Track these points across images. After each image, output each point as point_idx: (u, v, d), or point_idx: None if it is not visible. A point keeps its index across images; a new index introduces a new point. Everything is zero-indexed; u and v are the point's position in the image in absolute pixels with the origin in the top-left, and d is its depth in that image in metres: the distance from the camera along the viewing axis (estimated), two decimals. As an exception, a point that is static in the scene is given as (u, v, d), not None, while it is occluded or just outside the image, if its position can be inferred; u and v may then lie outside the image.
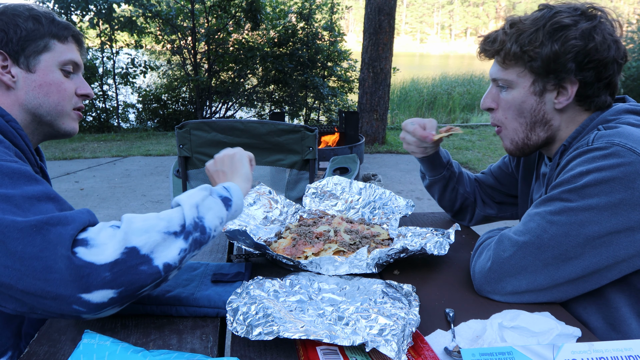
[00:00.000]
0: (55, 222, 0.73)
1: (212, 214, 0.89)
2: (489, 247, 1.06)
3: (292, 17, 10.44)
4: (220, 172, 1.15)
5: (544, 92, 1.06)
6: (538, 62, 1.02)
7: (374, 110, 7.45)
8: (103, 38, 9.42)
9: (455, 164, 1.48)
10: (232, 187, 0.98)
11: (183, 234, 0.82)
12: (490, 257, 1.03)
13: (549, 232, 0.95)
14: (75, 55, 1.11)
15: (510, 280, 0.99)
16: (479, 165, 6.27)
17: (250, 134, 2.25)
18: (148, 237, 0.78)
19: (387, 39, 7.22)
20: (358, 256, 1.09)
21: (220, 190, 0.95)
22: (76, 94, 1.12)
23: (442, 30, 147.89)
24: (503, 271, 1.00)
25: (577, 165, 0.96)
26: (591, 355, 0.70)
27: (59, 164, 6.37)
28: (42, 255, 0.71)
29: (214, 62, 9.98)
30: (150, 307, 0.94)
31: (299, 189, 2.33)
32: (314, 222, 1.37)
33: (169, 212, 0.84)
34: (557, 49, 1.00)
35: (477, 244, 1.13)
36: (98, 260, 0.73)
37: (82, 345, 0.74)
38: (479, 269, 1.04)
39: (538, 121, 1.09)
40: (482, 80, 15.01)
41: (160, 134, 8.99)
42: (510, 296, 1.00)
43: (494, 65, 1.12)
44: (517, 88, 1.08)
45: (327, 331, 0.80)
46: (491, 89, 1.15)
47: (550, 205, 0.97)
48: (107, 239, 0.75)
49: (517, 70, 1.07)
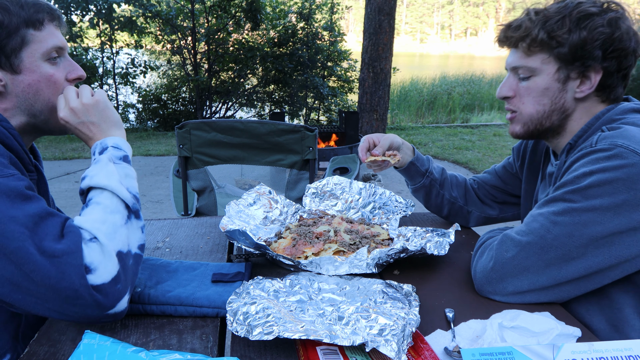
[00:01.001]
0: (60, 253, 0.79)
1: (130, 180, 0.96)
2: (490, 247, 1.06)
3: (292, 17, 10.44)
4: (89, 123, 1.01)
5: (567, 80, 1.06)
6: (565, 48, 1.02)
7: (374, 110, 7.45)
8: (103, 38, 9.42)
9: (438, 169, 1.46)
10: (121, 143, 1.01)
11: (133, 213, 0.92)
12: (493, 257, 1.03)
13: (552, 232, 0.95)
14: (57, 39, 1.01)
15: (512, 281, 0.99)
16: (479, 165, 6.27)
17: (250, 134, 2.25)
18: (119, 235, 0.87)
19: (387, 39, 7.22)
20: (358, 256, 1.09)
21: (116, 152, 0.99)
22: (67, 80, 1.05)
23: (442, 30, 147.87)
24: (505, 271, 1.00)
25: (581, 166, 0.97)
26: (591, 355, 0.70)
27: (59, 164, 6.37)
28: (61, 287, 0.78)
29: (214, 62, 9.97)
30: (150, 307, 0.94)
31: (299, 189, 2.33)
32: (314, 222, 1.37)
33: (108, 203, 0.90)
34: (585, 35, 1.01)
35: (477, 244, 1.13)
36: (106, 279, 0.81)
37: (83, 345, 0.74)
38: (481, 269, 1.04)
39: (557, 109, 1.09)
40: (482, 80, 15.02)
41: (160, 134, 8.98)
42: (511, 296, 1.00)
43: (514, 54, 1.11)
44: (541, 75, 1.07)
45: (327, 331, 0.80)
46: (508, 78, 1.14)
47: (554, 206, 0.97)
48: (100, 257, 0.82)
49: (541, 57, 1.06)
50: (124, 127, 1.15)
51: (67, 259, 0.78)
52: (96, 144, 1.00)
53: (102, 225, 0.86)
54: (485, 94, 13.01)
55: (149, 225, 1.45)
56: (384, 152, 1.34)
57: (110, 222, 0.87)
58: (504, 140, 8.06)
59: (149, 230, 1.42)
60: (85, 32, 9.43)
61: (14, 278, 0.77)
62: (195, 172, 2.33)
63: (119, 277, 0.83)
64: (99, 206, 0.89)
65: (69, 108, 1.00)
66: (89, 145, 1.03)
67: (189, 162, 2.31)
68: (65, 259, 0.78)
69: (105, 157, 0.96)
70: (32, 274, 0.77)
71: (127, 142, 1.04)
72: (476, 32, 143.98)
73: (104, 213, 0.88)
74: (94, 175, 0.92)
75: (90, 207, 0.89)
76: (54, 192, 5.02)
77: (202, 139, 2.25)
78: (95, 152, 0.99)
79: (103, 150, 0.99)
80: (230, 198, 2.67)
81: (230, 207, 1.34)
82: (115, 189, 0.90)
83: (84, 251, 0.81)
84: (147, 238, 1.35)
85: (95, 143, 1.01)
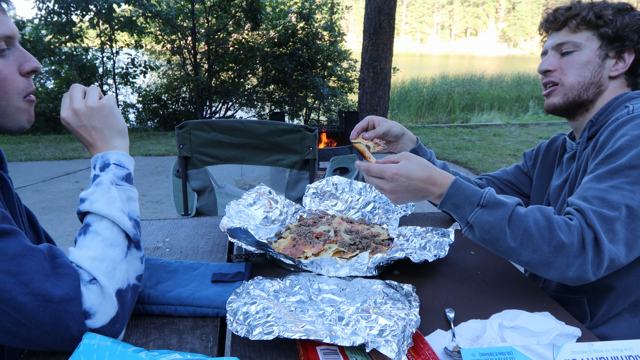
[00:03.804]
0: (59, 300, 0.75)
1: (131, 203, 0.91)
2: (586, 238, 0.97)
3: (292, 17, 10.44)
4: (90, 129, 0.93)
5: (606, 58, 1.20)
6: (610, 28, 1.17)
7: (374, 110, 7.45)
8: (103, 38, 9.42)
9: (439, 164, 1.45)
10: (123, 159, 0.94)
11: (133, 243, 0.88)
12: (601, 240, 0.95)
13: (636, 199, 0.97)
14: (5, 27, 0.86)
15: (632, 252, 0.98)
16: (479, 165, 6.27)
17: (250, 134, 2.25)
18: (118, 272, 0.84)
19: (387, 39, 7.22)
20: (359, 260, 1.09)
21: (118, 172, 0.92)
22: (21, 74, 0.90)
23: (442, 30, 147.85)
24: (629, 244, 0.97)
25: (631, 130, 1.04)
26: (591, 355, 0.70)
27: (59, 164, 6.37)
28: (57, 332, 0.76)
29: (214, 62, 9.97)
30: (150, 307, 0.94)
31: (299, 189, 2.33)
32: (314, 222, 1.37)
33: (108, 234, 0.85)
34: (627, 20, 1.17)
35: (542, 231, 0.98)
36: (105, 322, 0.80)
37: (83, 345, 0.74)
38: (608, 256, 0.96)
39: (595, 82, 1.21)
40: (482, 80, 15.02)
41: (160, 134, 8.98)
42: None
43: (556, 35, 1.24)
44: (585, 50, 1.20)
45: (328, 331, 0.80)
46: (549, 57, 1.26)
47: (623, 176, 1.00)
48: (100, 299, 0.79)
49: (586, 35, 1.20)
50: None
51: (66, 307, 0.75)
52: (97, 156, 0.93)
53: (102, 264, 0.82)
54: (485, 94, 13.01)
55: (149, 225, 1.45)
56: (373, 138, 1.32)
57: (110, 259, 0.83)
58: (504, 140, 8.06)
59: (149, 230, 1.42)
60: (85, 32, 9.43)
61: (4, 325, 0.75)
62: (195, 172, 2.33)
63: (118, 317, 0.81)
64: (98, 237, 0.84)
65: (72, 109, 0.92)
66: (89, 151, 0.96)
67: (189, 162, 2.30)
68: (63, 306, 0.75)
69: (107, 179, 0.89)
70: (24, 320, 0.74)
71: (130, 157, 0.97)
72: (476, 32, 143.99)
73: (103, 247, 0.83)
74: (94, 201, 0.86)
75: (88, 237, 0.85)
76: (54, 192, 5.04)
77: (202, 139, 2.25)
78: (95, 166, 0.92)
79: (105, 167, 0.92)
80: (230, 198, 2.67)
81: (230, 207, 1.34)
82: (116, 219, 0.86)
83: (84, 295, 0.78)
84: (147, 238, 1.35)
85: (96, 155, 0.93)
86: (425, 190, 1.04)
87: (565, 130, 1.46)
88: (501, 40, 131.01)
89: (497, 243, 0.99)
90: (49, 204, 4.63)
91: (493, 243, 1.00)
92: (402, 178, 1.02)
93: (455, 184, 1.03)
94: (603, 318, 1.13)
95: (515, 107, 12.01)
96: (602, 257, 0.95)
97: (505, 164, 6.31)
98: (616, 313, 1.11)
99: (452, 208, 1.04)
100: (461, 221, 1.04)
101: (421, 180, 1.03)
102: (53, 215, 4.33)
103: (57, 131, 9.12)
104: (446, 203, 1.04)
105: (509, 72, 17.52)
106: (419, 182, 1.03)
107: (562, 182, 1.27)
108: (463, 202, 1.01)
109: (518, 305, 0.99)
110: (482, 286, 1.08)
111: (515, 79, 15.31)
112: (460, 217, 1.04)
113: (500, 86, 14.29)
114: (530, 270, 1.01)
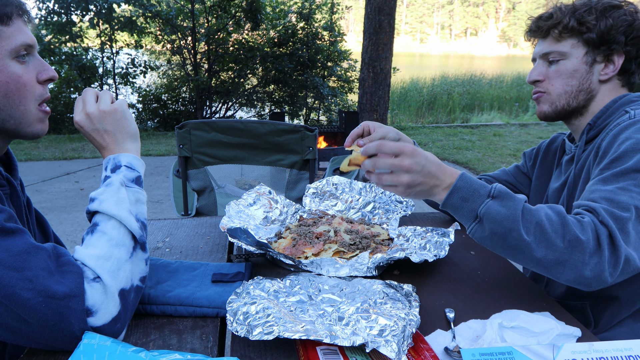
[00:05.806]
0: (62, 296, 0.76)
1: (139, 205, 0.93)
2: (602, 242, 0.91)
3: (292, 17, 10.44)
4: (103, 132, 0.96)
5: (594, 64, 1.18)
6: (594, 33, 1.14)
7: (374, 110, 7.45)
8: (103, 38, 9.42)
9: None
10: (134, 162, 0.97)
11: (139, 245, 0.90)
12: (616, 238, 0.91)
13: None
14: (27, 36, 0.91)
15: None
16: (479, 165, 6.27)
17: (250, 134, 2.25)
18: (122, 272, 0.84)
19: (387, 39, 7.21)
20: (359, 260, 1.09)
21: (129, 174, 0.95)
22: (38, 82, 0.95)
23: (442, 30, 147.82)
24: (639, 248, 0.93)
25: (635, 133, 1.03)
26: (591, 355, 0.70)
27: (59, 164, 6.37)
28: (58, 328, 0.77)
29: (214, 62, 9.97)
30: (150, 307, 0.94)
31: (299, 189, 2.33)
32: (314, 222, 1.37)
33: (114, 234, 0.87)
34: (611, 23, 1.14)
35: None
36: (107, 320, 0.80)
37: (83, 345, 0.74)
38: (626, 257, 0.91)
39: (584, 89, 1.19)
40: (482, 80, 15.02)
41: (160, 134, 8.98)
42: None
43: (542, 43, 1.23)
44: (571, 58, 1.18)
45: (328, 331, 0.80)
46: (537, 65, 1.25)
47: (629, 178, 0.97)
48: (102, 298, 0.80)
49: (571, 42, 1.18)
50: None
51: (69, 303, 0.76)
52: (109, 158, 0.96)
53: (106, 263, 0.83)
54: (485, 94, 13.01)
55: (149, 225, 1.45)
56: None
57: (115, 258, 0.84)
58: (504, 140, 8.06)
59: (149, 230, 1.41)
60: (85, 32, 9.43)
61: (6, 322, 0.76)
62: (195, 172, 2.33)
63: (119, 317, 0.82)
64: (105, 237, 0.86)
65: (85, 113, 0.95)
66: (101, 154, 0.98)
67: (189, 162, 2.30)
68: (66, 302, 0.76)
69: (117, 180, 0.92)
70: (27, 316, 0.75)
71: (141, 160, 1.00)
72: (476, 32, 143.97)
73: (109, 246, 0.85)
74: (103, 201, 0.88)
75: (95, 236, 0.86)
76: (54, 192, 5.04)
77: (202, 139, 2.25)
78: (107, 167, 0.95)
79: (116, 169, 0.94)
80: (230, 198, 2.67)
81: (230, 207, 1.34)
82: (123, 219, 0.87)
83: (87, 293, 0.78)
84: (147, 238, 1.35)
85: (108, 157, 0.96)
86: (436, 178, 0.96)
87: (565, 130, 1.45)
88: (501, 40, 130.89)
89: (510, 236, 0.91)
90: (49, 204, 4.63)
91: (505, 236, 0.92)
92: (421, 157, 0.95)
93: (464, 176, 0.97)
94: (606, 326, 1.12)
95: (515, 107, 12.02)
96: (618, 255, 0.89)
97: (505, 164, 6.31)
98: (619, 321, 1.11)
99: (460, 201, 0.96)
100: (469, 216, 0.96)
101: (435, 165, 0.97)
102: (53, 215, 4.33)
103: (57, 131, 9.12)
104: (453, 196, 0.96)
105: (509, 72, 17.50)
106: (433, 166, 0.96)
107: (561, 185, 1.27)
108: (472, 194, 0.95)
109: (518, 305, 0.99)
110: (482, 286, 1.08)
111: (515, 79, 15.29)
112: (468, 212, 0.96)
113: (500, 86, 14.28)
114: (543, 272, 0.94)
